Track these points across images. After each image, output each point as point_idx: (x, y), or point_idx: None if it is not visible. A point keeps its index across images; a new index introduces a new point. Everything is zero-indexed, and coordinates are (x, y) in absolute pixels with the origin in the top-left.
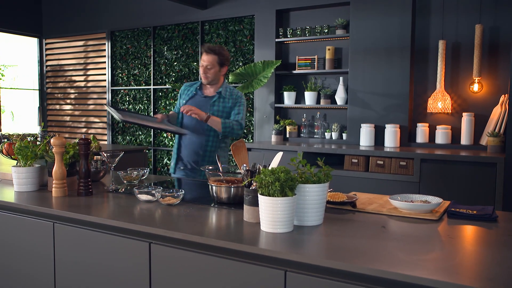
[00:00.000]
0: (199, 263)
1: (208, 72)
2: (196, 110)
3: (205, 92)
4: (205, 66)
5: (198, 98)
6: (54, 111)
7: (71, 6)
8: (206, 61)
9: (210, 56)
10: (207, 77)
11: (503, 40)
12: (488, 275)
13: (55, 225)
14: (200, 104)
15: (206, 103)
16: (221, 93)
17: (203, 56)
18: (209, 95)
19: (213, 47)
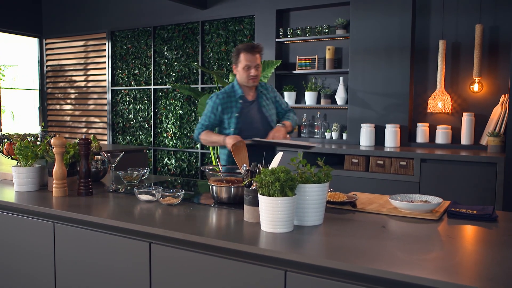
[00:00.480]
0: (199, 263)
1: (258, 72)
2: (281, 133)
3: (248, 97)
4: (255, 66)
5: (250, 108)
6: (54, 111)
7: (71, 6)
8: (254, 60)
9: (257, 55)
10: (257, 77)
11: (503, 40)
12: (488, 275)
13: (55, 225)
14: (254, 114)
15: (257, 110)
16: (262, 92)
17: (247, 57)
18: (253, 99)
19: (256, 45)
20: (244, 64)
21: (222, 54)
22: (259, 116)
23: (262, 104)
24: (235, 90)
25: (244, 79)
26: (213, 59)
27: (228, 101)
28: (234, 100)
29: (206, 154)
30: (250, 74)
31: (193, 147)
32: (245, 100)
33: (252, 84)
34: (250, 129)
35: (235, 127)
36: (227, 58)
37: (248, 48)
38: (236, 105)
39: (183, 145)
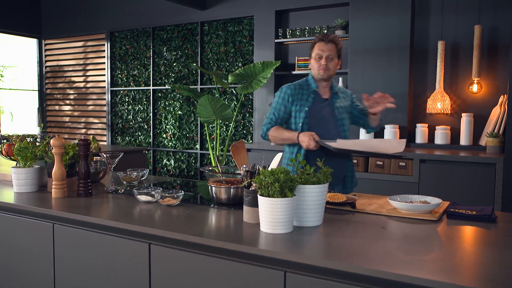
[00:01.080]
0: (199, 264)
1: (329, 63)
2: (381, 103)
3: (322, 94)
4: (326, 56)
5: (322, 106)
6: (53, 111)
7: (71, 6)
8: (326, 50)
9: (330, 45)
10: (328, 68)
11: (502, 40)
12: (487, 276)
13: (54, 226)
14: (325, 113)
15: (330, 110)
16: (337, 92)
17: (320, 45)
18: (327, 97)
19: (330, 36)
20: (315, 53)
21: (221, 54)
22: (331, 117)
23: (336, 105)
24: (309, 83)
25: (315, 70)
26: (213, 60)
27: (300, 93)
28: (306, 94)
29: (205, 154)
30: (320, 63)
31: (192, 147)
32: (318, 96)
33: (322, 76)
34: (320, 128)
35: (303, 121)
36: (226, 58)
37: (323, 37)
38: (308, 99)
39: (182, 146)
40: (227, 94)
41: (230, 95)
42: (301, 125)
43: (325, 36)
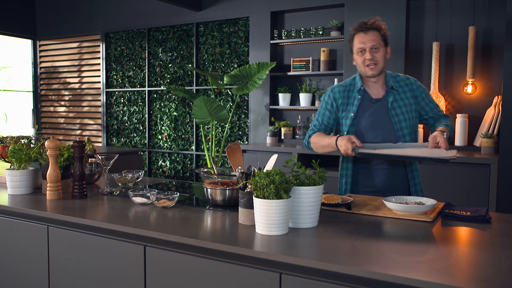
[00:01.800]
0: (194, 266)
1: (376, 55)
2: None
3: (372, 93)
4: (370, 48)
5: (372, 109)
6: (48, 113)
7: (65, 7)
8: (368, 40)
9: (372, 33)
10: (375, 62)
11: (496, 41)
12: (482, 276)
13: (49, 228)
14: (376, 117)
15: (383, 110)
16: (394, 88)
17: (360, 37)
18: (378, 96)
19: (369, 22)
20: (357, 47)
21: (216, 56)
22: (384, 120)
23: (392, 105)
24: (356, 82)
25: (360, 67)
26: (208, 61)
27: (346, 96)
28: (353, 96)
29: (201, 156)
30: (365, 58)
31: (187, 149)
32: (366, 97)
33: (370, 73)
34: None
35: (348, 129)
36: (221, 60)
37: (360, 27)
38: (354, 102)
39: (178, 147)
40: (223, 95)
41: (226, 96)
42: (346, 133)
43: (363, 24)
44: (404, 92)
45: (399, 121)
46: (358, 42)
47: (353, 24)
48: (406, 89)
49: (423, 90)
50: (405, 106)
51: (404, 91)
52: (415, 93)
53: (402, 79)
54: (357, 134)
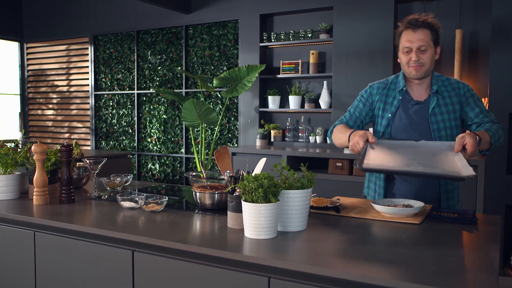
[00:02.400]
0: (183, 271)
1: (422, 57)
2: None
3: (413, 95)
4: (417, 48)
5: (410, 108)
6: (36, 116)
7: (53, 10)
8: (416, 40)
9: (422, 32)
10: (421, 64)
11: (482, 44)
12: (469, 278)
13: (36, 233)
14: (417, 117)
15: (423, 114)
16: (438, 92)
17: (408, 35)
18: (420, 99)
19: (420, 19)
20: (402, 45)
21: (206, 58)
22: (422, 126)
23: (434, 111)
24: (398, 81)
25: (404, 67)
26: (197, 64)
27: (385, 94)
28: (392, 95)
29: (190, 158)
30: (410, 59)
31: (177, 152)
32: (407, 98)
33: (414, 74)
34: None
35: (384, 130)
36: (211, 62)
37: (409, 23)
38: (393, 102)
39: (167, 150)
40: (212, 98)
41: (215, 99)
42: (381, 134)
43: (413, 21)
44: (450, 97)
45: (438, 129)
46: (405, 40)
47: (344, 26)
48: (452, 94)
49: (471, 95)
50: (448, 113)
51: (450, 96)
52: (461, 98)
53: (451, 82)
54: (392, 136)
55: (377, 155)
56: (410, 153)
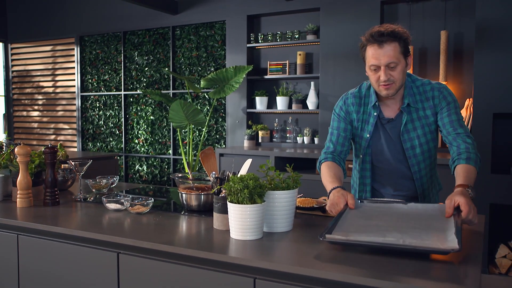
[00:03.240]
0: (169, 273)
1: (392, 75)
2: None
3: (385, 112)
4: (385, 66)
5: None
6: (21, 117)
7: (38, 10)
8: (384, 56)
9: (389, 47)
10: (392, 83)
11: (467, 46)
12: (452, 275)
13: (19, 236)
14: (388, 138)
15: (395, 135)
16: (410, 105)
17: (373, 51)
18: (392, 116)
19: (386, 31)
20: (370, 63)
21: (193, 59)
22: (393, 147)
23: (406, 127)
24: (370, 94)
25: (374, 85)
26: (185, 65)
27: (362, 111)
28: (367, 112)
29: (178, 160)
30: (379, 78)
31: (165, 153)
32: (381, 115)
33: (385, 94)
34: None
35: (365, 152)
36: (198, 63)
37: (373, 38)
38: (369, 120)
39: (155, 151)
40: (200, 99)
41: (203, 99)
42: (362, 156)
43: (378, 34)
44: (423, 109)
45: (412, 147)
46: (371, 57)
47: (330, 27)
48: (426, 105)
49: (449, 102)
50: (423, 127)
51: (424, 108)
52: (437, 109)
53: (425, 90)
54: (373, 159)
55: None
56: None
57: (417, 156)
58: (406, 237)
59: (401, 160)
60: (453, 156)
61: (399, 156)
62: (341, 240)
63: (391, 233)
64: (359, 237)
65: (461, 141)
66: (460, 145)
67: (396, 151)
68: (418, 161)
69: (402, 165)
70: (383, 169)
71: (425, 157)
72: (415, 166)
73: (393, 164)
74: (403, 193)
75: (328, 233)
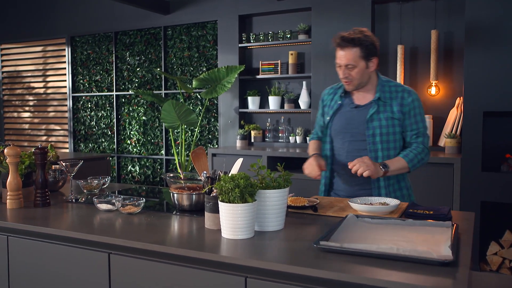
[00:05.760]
0: (160, 273)
1: (350, 74)
2: (366, 166)
3: (355, 100)
4: (344, 66)
5: (348, 112)
6: (11, 119)
7: (28, 10)
8: (343, 58)
9: (349, 50)
10: (350, 81)
11: (457, 45)
12: (441, 272)
13: (9, 238)
14: (352, 121)
15: (360, 118)
16: (381, 99)
17: (337, 51)
18: (361, 104)
19: (348, 37)
20: (336, 61)
21: (185, 59)
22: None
23: (372, 117)
24: (342, 86)
25: (342, 81)
26: (176, 65)
27: (332, 99)
28: (335, 99)
29: (170, 160)
30: (341, 75)
31: (157, 153)
32: (347, 102)
33: (346, 88)
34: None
35: (325, 133)
36: (190, 63)
37: (339, 41)
38: (334, 106)
39: (147, 152)
40: (192, 99)
41: (195, 100)
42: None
43: (341, 39)
44: (391, 105)
45: (373, 135)
46: (336, 57)
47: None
48: (395, 102)
49: (414, 106)
50: (387, 120)
51: (392, 105)
52: (404, 109)
53: (397, 90)
54: (333, 139)
55: (349, 232)
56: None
57: (376, 143)
58: (400, 248)
59: (361, 144)
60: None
61: (360, 138)
62: (335, 248)
63: (386, 244)
64: (353, 246)
65: (415, 146)
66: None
67: (358, 134)
68: (376, 149)
69: (361, 149)
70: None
71: (383, 148)
72: (372, 152)
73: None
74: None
75: (323, 240)
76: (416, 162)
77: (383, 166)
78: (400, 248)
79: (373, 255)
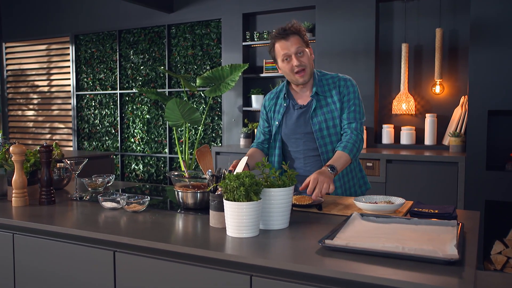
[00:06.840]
0: (165, 271)
1: (302, 61)
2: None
3: (298, 101)
4: (294, 54)
5: (294, 113)
6: (16, 117)
7: (33, 8)
8: (291, 46)
9: (293, 38)
10: (304, 68)
11: (462, 43)
12: (446, 272)
13: (14, 235)
14: (300, 122)
15: (306, 117)
16: (318, 93)
17: (281, 44)
18: (304, 103)
19: (287, 27)
20: (281, 55)
21: (189, 58)
22: (304, 129)
23: (315, 112)
24: (282, 89)
25: (291, 76)
26: (180, 63)
27: (274, 104)
28: (279, 103)
29: (174, 158)
30: (292, 65)
31: (161, 152)
32: (292, 103)
33: (302, 81)
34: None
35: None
36: (194, 61)
37: (279, 34)
38: (280, 110)
39: (151, 150)
40: (196, 98)
41: (199, 98)
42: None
43: (282, 30)
44: (331, 96)
45: (320, 129)
46: (281, 49)
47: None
48: (333, 92)
49: (349, 92)
50: (330, 112)
51: (332, 95)
52: (341, 96)
53: (333, 81)
54: (284, 146)
55: (353, 231)
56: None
57: (324, 137)
58: (406, 246)
59: (311, 140)
60: (338, 143)
61: (309, 137)
62: (340, 246)
63: (391, 243)
64: (358, 244)
65: (349, 132)
66: (346, 136)
67: (309, 134)
68: (325, 142)
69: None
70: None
71: (332, 140)
72: (322, 147)
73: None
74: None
75: (328, 239)
76: (356, 151)
77: (331, 169)
78: (405, 247)
79: (378, 253)
